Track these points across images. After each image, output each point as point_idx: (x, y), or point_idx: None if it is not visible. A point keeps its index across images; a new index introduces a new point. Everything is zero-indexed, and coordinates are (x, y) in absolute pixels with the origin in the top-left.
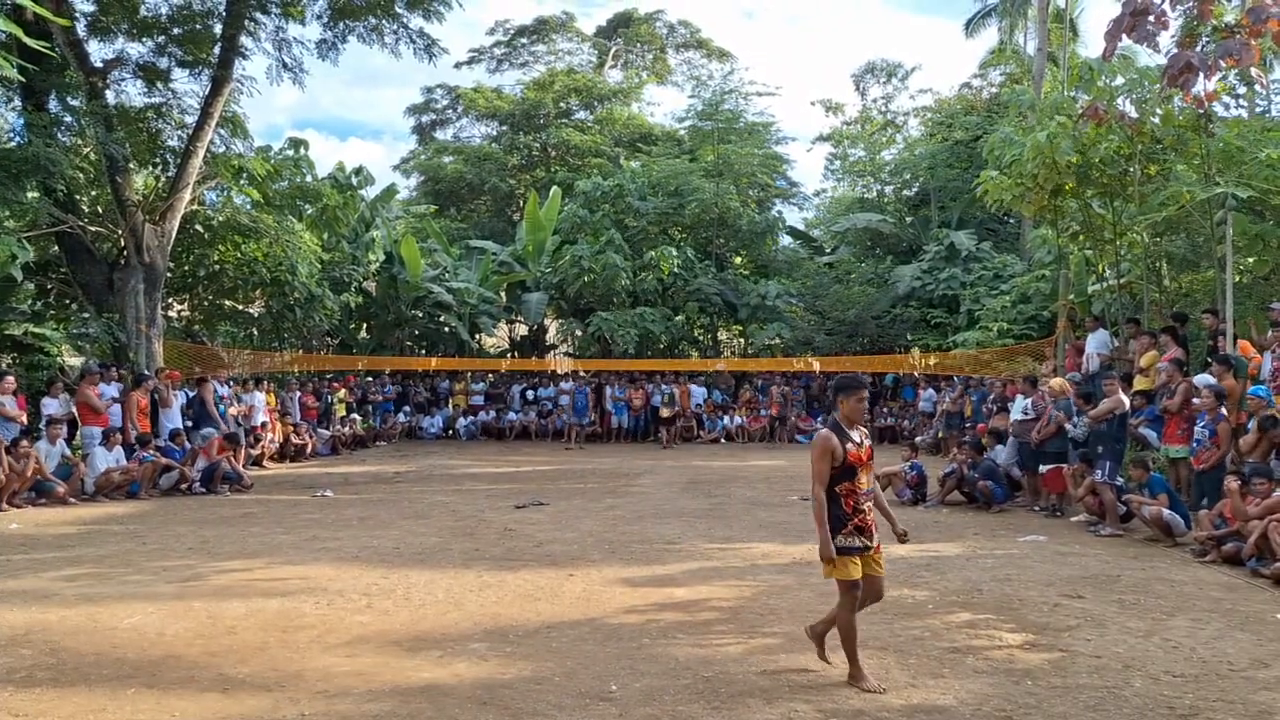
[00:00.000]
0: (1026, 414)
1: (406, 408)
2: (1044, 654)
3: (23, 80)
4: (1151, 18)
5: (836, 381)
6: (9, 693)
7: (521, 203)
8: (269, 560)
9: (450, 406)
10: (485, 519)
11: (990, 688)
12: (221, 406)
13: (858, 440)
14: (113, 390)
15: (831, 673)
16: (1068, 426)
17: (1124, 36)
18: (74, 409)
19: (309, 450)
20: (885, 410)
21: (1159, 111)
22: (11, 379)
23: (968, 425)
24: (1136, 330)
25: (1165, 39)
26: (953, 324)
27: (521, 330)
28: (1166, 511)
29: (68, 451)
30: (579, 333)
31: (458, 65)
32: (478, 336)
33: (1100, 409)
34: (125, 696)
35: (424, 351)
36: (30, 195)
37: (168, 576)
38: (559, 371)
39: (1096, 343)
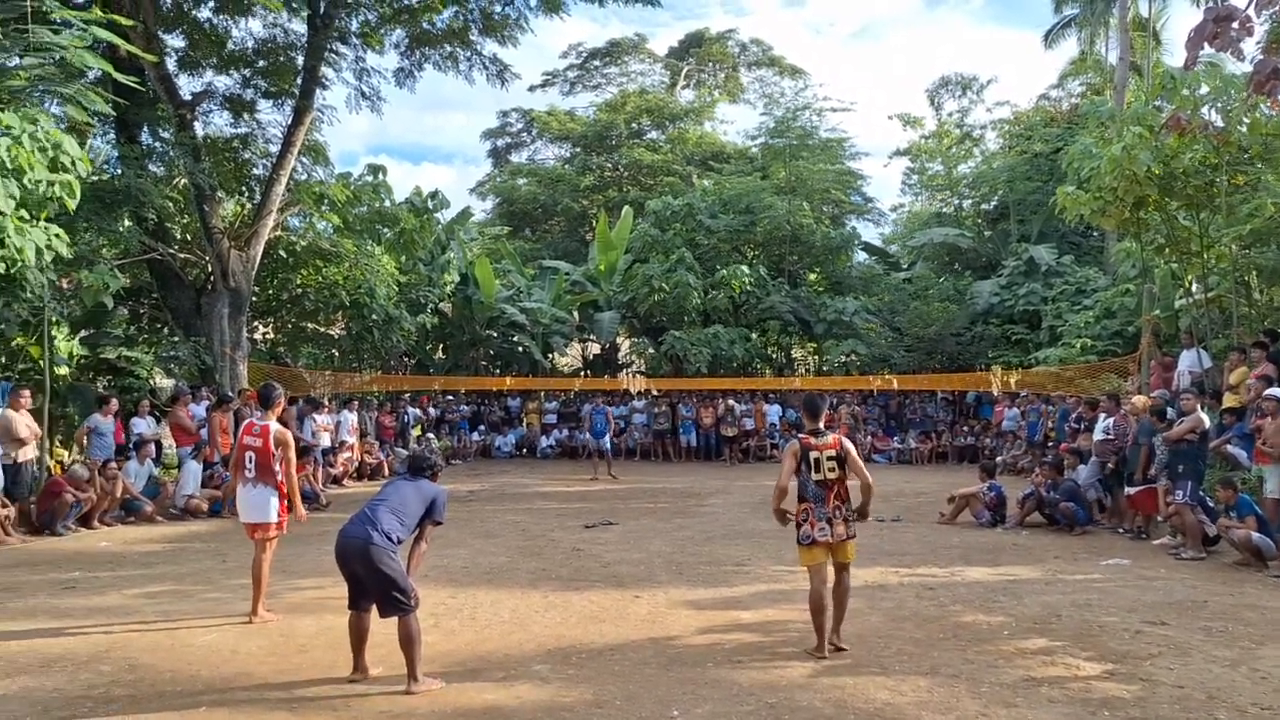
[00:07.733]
0: (1108, 434)
1: (481, 427)
2: (1123, 684)
3: (116, 114)
4: (1235, 23)
5: None
6: (88, 709)
7: (594, 223)
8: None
9: (524, 425)
10: (554, 538)
11: (1065, 719)
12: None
13: None
14: (201, 410)
15: (900, 700)
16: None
17: (1206, 44)
18: (164, 429)
19: (386, 469)
20: (965, 429)
21: (1245, 120)
22: (115, 402)
23: (1050, 444)
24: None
25: (1250, 45)
26: (1034, 340)
27: (594, 349)
28: (1255, 534)
29: (155, 471)
30: (651, 351)
31: (531, 89)
32: (551, 356)
33: (1179, 429)
34: (196, 714)
35: (498, 371)
36: (123, 224)
37: (244, 594)
38: (632, 390)
39: (1188, 361)
